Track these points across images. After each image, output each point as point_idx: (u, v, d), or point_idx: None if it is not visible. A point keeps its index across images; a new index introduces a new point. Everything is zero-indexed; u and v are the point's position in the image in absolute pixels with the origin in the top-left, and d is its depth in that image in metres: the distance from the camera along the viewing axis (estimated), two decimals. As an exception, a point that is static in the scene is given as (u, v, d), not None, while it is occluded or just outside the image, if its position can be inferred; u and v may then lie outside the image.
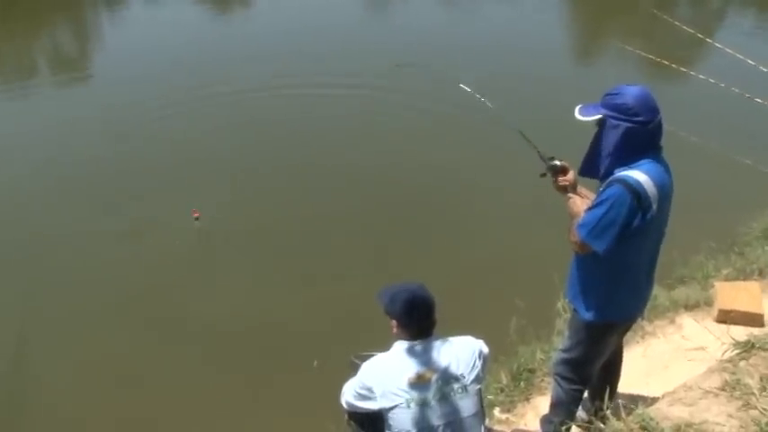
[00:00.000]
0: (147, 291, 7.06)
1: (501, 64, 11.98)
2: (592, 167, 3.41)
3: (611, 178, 3.25)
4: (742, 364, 4.73)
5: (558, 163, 3.63)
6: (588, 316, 3.58)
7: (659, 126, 3.23)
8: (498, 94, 4.65)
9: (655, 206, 3.19)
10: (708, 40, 7.22)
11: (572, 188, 3.57)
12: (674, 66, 7.33)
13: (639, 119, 3.16)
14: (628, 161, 3.22)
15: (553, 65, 12.32)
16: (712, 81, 6.40)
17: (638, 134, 3.18)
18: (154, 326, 6.65)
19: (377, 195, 8.49)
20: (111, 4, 18.36)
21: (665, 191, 3.26)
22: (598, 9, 16.95)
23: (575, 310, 3.71)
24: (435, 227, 7.84)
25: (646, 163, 3.20)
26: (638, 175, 3.16)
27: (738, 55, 6.21)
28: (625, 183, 3.15)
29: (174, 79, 12.06)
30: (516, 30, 14.92)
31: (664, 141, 3.32)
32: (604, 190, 3.25)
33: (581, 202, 3.44)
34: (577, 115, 3.33)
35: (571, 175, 3.58)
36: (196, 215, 7.73)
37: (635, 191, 3.14)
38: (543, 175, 3.70)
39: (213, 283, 7.16)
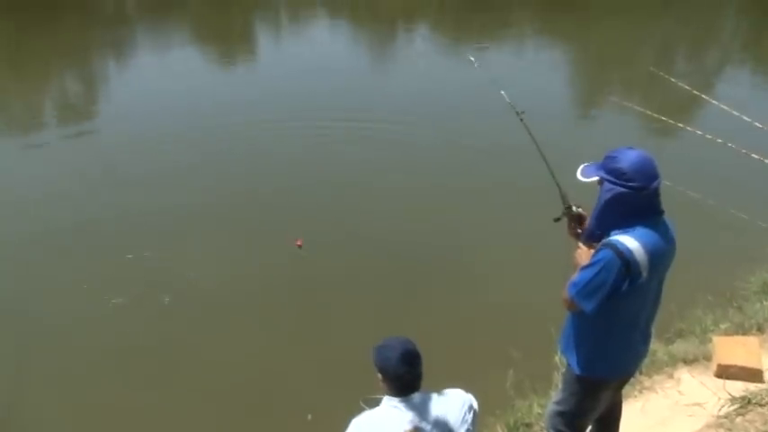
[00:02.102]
0: (145, 344, 7.00)
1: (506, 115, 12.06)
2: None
3: (604, 241, 3.25)
4: (738, 420, 4.73)
5: (574, 209, 3.66)
6: (578, 370, 3.59)
7: (655, 192, 3.21)
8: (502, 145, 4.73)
9: (645, 274, 3.17)
10: (704, 96, 7.35)
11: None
12: (671, 122, 7.44)
13: (633, 185, 3.15)
14: (622, 225, 3.21)
15: (555, 120, 12.43)
16: (709, 137, 6.50)
17: (632, 199, 3.17)
18: (151, 379, 6.57)
19: (373, 248, 8.43)
20: (118, 53, 18.68)
21: (657, 259, 3.23)
22: (598, 65, 17.19)
23: (568, 363, 3.71)
24: (432, 279, 7.79)
25: (640, 229, 3.19)
26: (630, 242, 3.15)
27: (734, 112, 6.31)
28: (615, 249, 3.15)
29: (178, 131, 12.19)
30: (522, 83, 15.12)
31: (662, 196, 3.33)
32: (597, 252, 3.25)
33: (587, 256, 3.40)
34: (579, 175, 3.36)
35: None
36: (299, 243, 7.59)
37: (624, 258, 3.13)
38: (558, 219, 3.74)
39: (212, 336, 7.09)
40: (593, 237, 3.38)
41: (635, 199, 3.17)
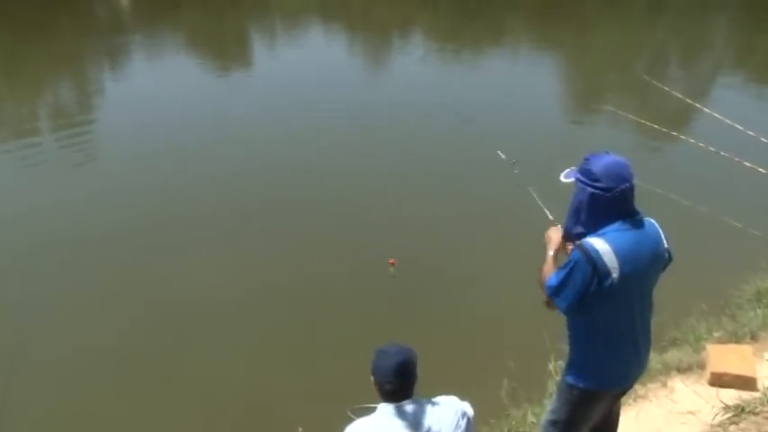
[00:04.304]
0: (137, 354, 6.98)
1: (502, 123, 12.06)
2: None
3: (576, 244, 3.35)
4: (732, 428, 4.73)
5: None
6: (569, 380, 3.63)
7: (623, 195, 3.27)
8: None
9: (615, 275, 3.23)
10: (696, 105, 7.36)
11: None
12: (664, 130, 7.46)
13: (600, 185, 3.25)
14: (594, 225, 3.32)
15: (548, 129, 12.47)
16: (702, 145, 6.51)
17: (599, 200, 3.27)
18: (142, 390, 6.54)
19: (368, 260, 8.33)
20: (113, 62, 18.71)
21: (631, 261, 3.28)
22: (592, 72, 17.25)
23: (563, 372, 3.73)
24: (427, 289, 7.78)
25: (612, 231, 3.27)
26: (599, 243, 3.23)
27: (727, 120, 6.33)
28: (583, 248, 3.25)
29: (172, 140, 12.27)
30: (518, 92, 15.17)
31: (655, 204, 3.37)
32: (571, 254, 3.35)
33: (556, 234, 3.66)
34: (561, 177, 3.48)
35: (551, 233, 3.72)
36: (392, 262, 7.58)
37: (591, 258, 3.22)
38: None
39: (203, 348, 7.07)
40: (569, 236, 3.49)
41: (602, 199, 3.27)
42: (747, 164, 6.20)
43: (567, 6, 23.79)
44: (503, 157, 4.81)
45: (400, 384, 3.16)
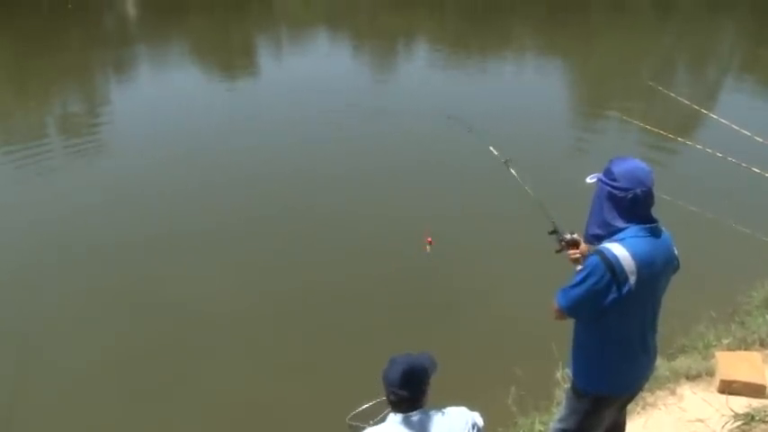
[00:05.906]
0: (144, 361, 6.96)
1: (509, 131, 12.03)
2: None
3: (593, 249, 3.37)
4: (742, 437, 4.69)
5: (568, 236, 3.82)
6: (579, 386, 3.63)
7: (636, 198, 3.29)
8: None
9: (632, 280, 3.24)
10: (703, 110, 7.35)
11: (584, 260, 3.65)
12: (670, 136, 7.44)
13: (616, 184, 3.29)
14: (609, 226, 3.34)
15: (554, 134, 12.45)
16: (709, 151, 6.50)
17: (614, 199, 3.31)
18: (150, 396, 6.51)
19: (375, 268, 8.38)
20: (120, 72, 18.77)
21: (647, 267, 3.29)
22: (598, 79, 17.25)
23: (571, 380, 3.73)
24: (436, 297, 7.77)
25: (629, 237, 3.28)
26: (618, 249, 3.25)
27: (734, 126, 6.31)
28: (602, 255, 3.26)
29: (178, 150, 12.26)
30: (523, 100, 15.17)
31: (663, 210, 3.36)
32: (586, 259, 3.39)
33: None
34: (586, 179, 3.50)
35: (584, 248, 3.74)
36: (429, 240, 7.60)
37: (610, 264, 3.23)
38: (559, 251, 3.89)
39: (215, 356, 7.04)
40: (588, 237, 3.52)
41: (617, 198, 3.31)
42: (755, 169, 6.18)
43: (574, 13, 23.83)
44: (495, 153, 4.81)
45: (405, 394, 3.14)
